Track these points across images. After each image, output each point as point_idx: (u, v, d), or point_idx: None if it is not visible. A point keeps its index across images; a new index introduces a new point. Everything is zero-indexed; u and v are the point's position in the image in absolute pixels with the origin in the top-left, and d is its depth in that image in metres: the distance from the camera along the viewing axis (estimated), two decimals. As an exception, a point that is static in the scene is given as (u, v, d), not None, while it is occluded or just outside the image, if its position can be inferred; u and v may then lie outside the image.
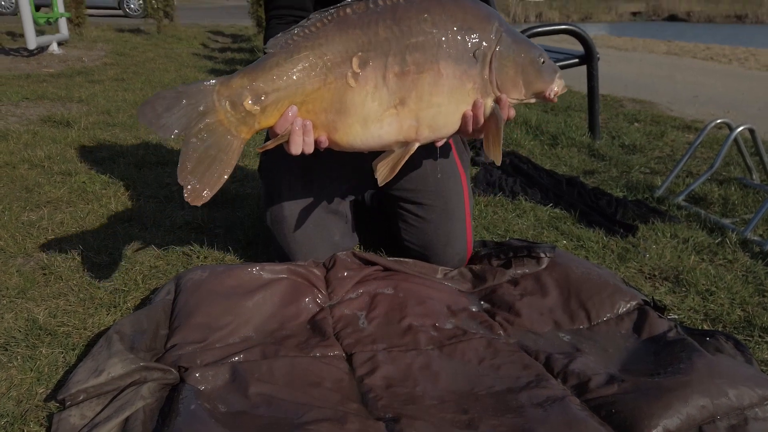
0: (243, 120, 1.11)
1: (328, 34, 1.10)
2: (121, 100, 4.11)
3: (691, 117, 4.12)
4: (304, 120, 1.13)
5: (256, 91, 1.09)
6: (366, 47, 1.11)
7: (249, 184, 2.39)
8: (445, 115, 1.17)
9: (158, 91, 1.09)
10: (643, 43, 12.52)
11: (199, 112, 1.09)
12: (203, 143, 1.10)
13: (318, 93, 1.12)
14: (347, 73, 1.11)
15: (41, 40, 5.94)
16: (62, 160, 2.60)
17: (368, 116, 1.13)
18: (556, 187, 2.41)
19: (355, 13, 1.11)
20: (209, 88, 1.09)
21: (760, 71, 7.53)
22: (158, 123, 1.07)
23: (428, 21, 1.12)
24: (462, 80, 1.15)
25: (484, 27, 1.16)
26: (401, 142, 1.19)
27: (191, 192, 1.10)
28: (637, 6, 38.52)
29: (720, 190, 2.40)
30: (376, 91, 1.12)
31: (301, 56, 1.10)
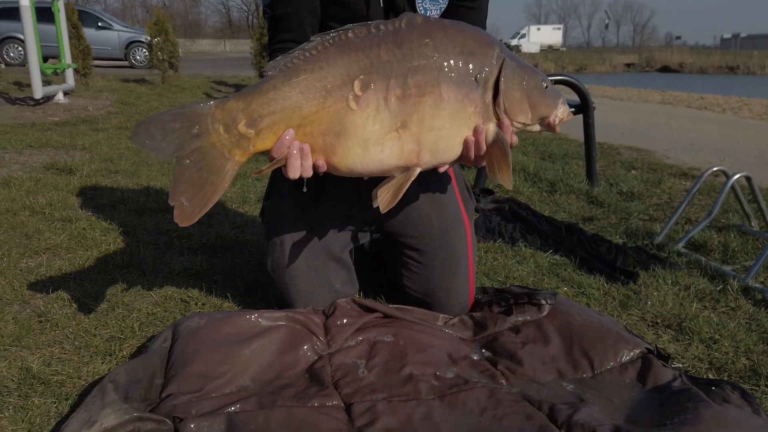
0: (237, 143, 1.10)
1: (329, 57, 1.10)
2: (124, 147, 4.16)
3: (687, 164, 4.17)
4: (301, 143, 1.11)
5: (251, 114, 1.09)
6: (368, 70, 1.10)
7: (249, 230, 2.39)
8: (447, 139, 1.16)
9: (153, 114, 1.09)
10: (638, 93, 12.78)
11: (192, 134, 1.08)
12: (195, 165, 1.09)
13: (316, 116, 1.11)
14: (348, 95, 1.10)
15: (47, 90, 6.06)
16: (63, 207, 2.61)
17: (369, 139, 1.12)
18: (556, 233, 2.41)
19: (357, 36, 1.12)
20: (204, 111, 1.09)
21: (753, 120, 7.66)
22: (151, 145, 1.07)
23: (430, 45, 1.13)
24: (463, 104, 1.15)
25: (485, 52, 1.17)
26: (402, 167, 1.17)
27: (180, 213, 1.10)
28: (631, 58, 39.51)
29: (719, 237, 2.40)
30: (378, 113, 1.11)
31: (300, 79, 1.09)
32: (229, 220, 2.54)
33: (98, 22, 14.30)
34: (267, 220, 1.59)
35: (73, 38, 7.27)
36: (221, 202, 2.81)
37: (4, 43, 12.55)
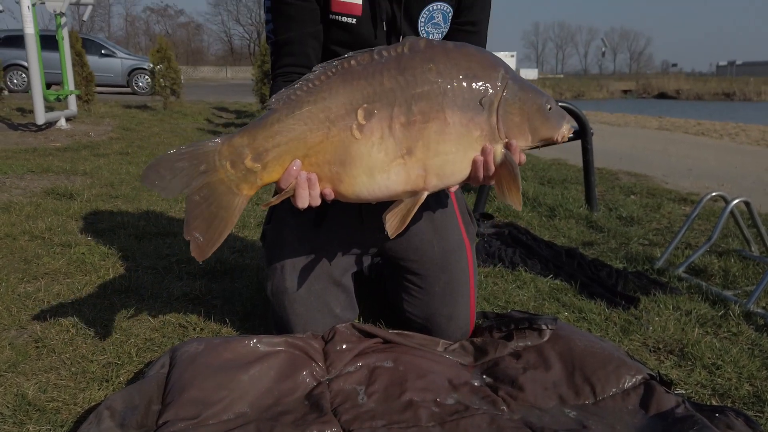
0: (244, 178, 1.11)
1: (332, 87, 1.11)
2: (125, 172, 4.18)
3: (686, 190, 4.18)
4: (308, 173, 1.12)
5: (256, 149, 1.10)
6: (371, 98, 1.11)
7: (248, 255, 2.39)
8: (453, 163, 1.16)
9: (162, 154, 1.11)
10: (635, 119, 12.88)
11: (200, 171, 1.10)
12: (205, 201, 1.11)
13: (321, 146, 1.11)
14: (352, 125, 1.11)
15: (50, 116, 6.11)
16: (63, 232, 2.61)
17: (374, 167, 1.12)
18: (556, 258, 2.41)
19: (360, 64, 1.12)
20: (211, 149, 1.11)
21: (751, 146, 7.71)
22: (161, 185, 1.09)
23: (433, 70, 1.13)
24: (469, 128, 1.15)
25: (489, 74, 1.16)
26: (410, 192, 1.17)
27: (195, 247, 1.12)
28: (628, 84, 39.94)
29: (720, 262, 2.39)
30: (383, 141, 1.12)
31: (303, 111, 1.10)
32: (228, 244, 2.53)
33: (102, 49, 14.49)
34: (268, 244, 1.58)
35: (77, 65, 7.36)
36: (221, 227, 2.81)
37: (9, 70, 12.69)
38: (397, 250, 1.57)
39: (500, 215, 3.21)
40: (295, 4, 1.38)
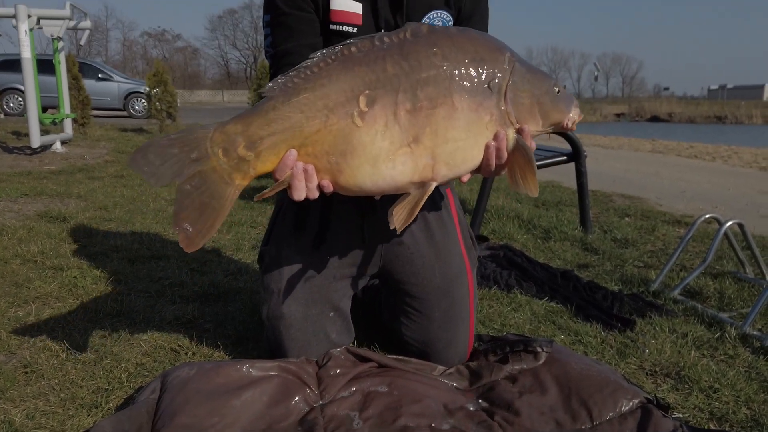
0: (236, 166, 1.07)
1: (331, 73, 1.07)
2: (119, 196, 4.17)
3: (680, 212, 4.20)
4: (305, 164, 1.08)
5: (250, 137, 1.06)
6: (373, 84, 1.06)
7: (242, 278, 2.37)
8: (464, 150, 1.11)
9: (151, 139, 1.07)
10: (629, 141, 12.99)
11: (191, 158, 1.06)
12: (196, 190, 1.07)
13: (318, 135, 1.07)
14: (353, 112, 1.06)
15: (45, 139, 6.12)
16: (55, 255, 2.59)
17: (378, 156, 1.07)
18: (551, 280, 2.40)
19: (360, 50, 1.08)
20: (203, 135, 1.07)
21: (743, 168, 7.77)
22: (150, 171, 1.05)
23: (438, 54, 1.09)
24: (478, 113, 1.10)
25: (496, 57, 1.13)
26: (417, 183, 1.11)
27: (184, 238, 1.07)
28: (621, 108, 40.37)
29: (715, 284, 2.39)
30: (387, 129, 1.07)
31: (300, 98, 1.06)
32: (222, 267, 2.52)
33: (99, 73, 14.58)
34: (265, 267, 1.55)
35: (73, 89, 7.39)
36: (215, 249, 2.80)
37: (5, 93, 12.74)
38: (397, 272, 1.55)
39: (495, 237, 3.21)
40: (294, 14, 1.37)
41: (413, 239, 1.52)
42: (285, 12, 1.37)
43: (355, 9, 1.38)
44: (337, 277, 1.51)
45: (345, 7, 1.37)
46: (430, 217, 1.55)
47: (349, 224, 1.49)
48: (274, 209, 1.63)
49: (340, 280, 1.52)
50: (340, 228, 1.49)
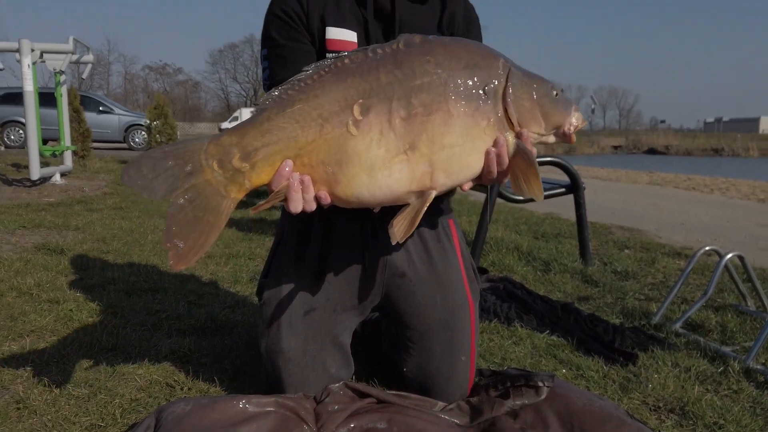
0: (232, 178, 1.05)
1: (325, 84, 1.07)
2: (117, 228, 4.16)
3: (680, 244, 4.19)
4: (302, 175, 1.06)
5: (245, 148, 1.04)
6: (367, 93, 1.06)
7: (240, 310, 2.35)
8: (461, 157, 1.10)
9: (145, 152, 1.06)
10: (626, 173, 13.07)
11: (185, 172, 1.04)
12: (190, 204, 1.04)
13: (314, 145, 1.05)
14: (347, 121, 1.05)
15: (45, 171, 6.14)
16: (51, 288, 2.57)
17: (374, 164, 1.06)
18: (552, 313, 2.38)
19: (354, 62, 1.08)
20: (197, 147, 1.05)
21: (741, 200, 7.79)
22: (143, 185, 1.03)
23: (431, 62, 1.09)
24: (475, 118, 1.09)
25: (490, 63, 1.13)
26: (415, 192, 1.10)
27: (175, 254, 1.03)
28: (618, 140, 40.78)
29: (717, 317, 2.37)
30: (382, 137, 1.06)
31: (295, 109, 1.05)
32: (219, 300, 2.50)
33: (100, 106, 14.73)
34: (264, 299, 1.53)
35: (74, 122, 7.46)
36: (212, 281, 2.78)
37: (6, 126, 12.84)
38: (398, 304, 1.53)
39: (495, 269, 3.19)
40: (290, 45, 1.38)
41: (415, 270, 1.51)
42: (281, 44, 1.39)
43: (349, 37, 1.40)
44: (337, 310, 1.49)
45: (340, 36, 1.39)
46: (433, 248, 1.54)
47: (351, 255, 1.48)
48: (274, 241, 1.62)
49: (341, 312, 1.50)
50: (341, 259, 1.48)
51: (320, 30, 1.40)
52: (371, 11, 1.41)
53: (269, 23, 1.42)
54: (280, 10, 1.40)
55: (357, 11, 1.42)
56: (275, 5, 1.42)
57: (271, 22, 1.41)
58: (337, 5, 1.41)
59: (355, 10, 1.42)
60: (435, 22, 1.47)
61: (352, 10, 1.42)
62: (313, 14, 1.40)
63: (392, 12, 1.41)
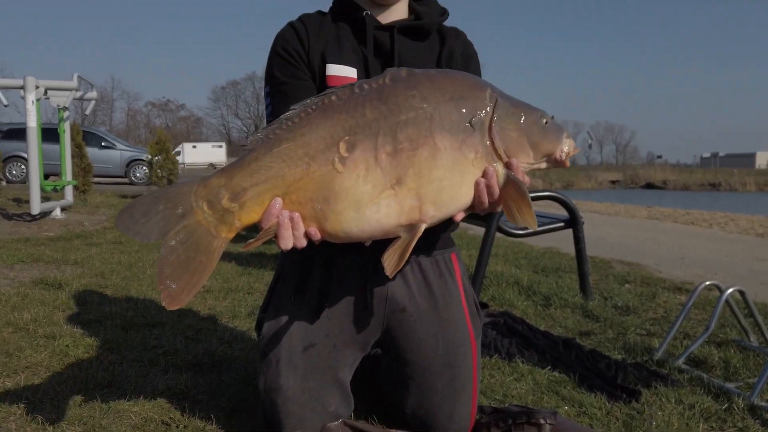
0: (221, 218, 1.07)
1: (311, 122, 1.08)
2: (116, 262, 4.15)
3: (680, 278, 4.18)
4: (291, 212, 1.07)
5: (233, 188, 1.06)
6: (353, 130, 1.07)
7: (238, 346, 2.33)
8: (450, 189, 1.10)
9: (137, 197, 1.08)
10: (625, 208, 13.11)
11: (177, 214, 1.06)
12: (182, 245, 1.06)
13: (301, 182, 1.07)
14: (333, 158, 1.06)
15: (45, 206, 6.16)
16: (48, 323, 2.54)
17: (362, 200, 1.07)
18: (553, 348, 2.35)
19: (340, 99, 1.10)
20: (187, 190, 1.07)
21: (740, 235, 7.80)
22: (136, 229, 1.05)
23: (417, 97, 1.09)
24: (462, 151, 1.10)
25: (476, 95, 1.13)
26: (405, 225, 1.10)
27: (167, 296, 1.05)
28: (615, 175, 41.02)
29: (719, 353, 2.35)
30: (368, 173, 1.07)
31: (282, 148, 1.07)
32: (217, 335, 2.47)
33: (102, 141, 14.89)
34: (263, 335, 1.51)
35: (76, 157, 7.52)
36: (210, 316, 2.76)
37: (9, 161, 12.93)
38: (399, 340, 1.51)
39: (495, 304, 3.17)
40: (291, 83, 1.41)
41: (416, 306, 1.50)
42: (283, 81, 1.42)
43: (349, 73, 1.42)
44: (337, 346, 1.47)
45: (340, 72, 1.42)
46: (434, 283, 1.53)
47: (351, 289, 1.47)
48: (274, 275, 1.62)
49: (341, 348, 1.48)
50: (341, 293, 1.47)
51: (321, 67, 1.43)
52: (371, 49, 1.44)
53: (272, 61, 1.46)
54: (282, 49, 1.44)
55: (357, 49, 1.45)
56: (278, 44, 1.45)
57: (274, 61, 1.45)
58: (338, 43, 1.44)
59: (356, 48, 1.45)
60: (434, 59, 1.50)
61: (353, 48, 1.45)
62: (314, 52, 1.43)
63: (392, 50, 1.44)
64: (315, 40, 1.44)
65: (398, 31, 1.45)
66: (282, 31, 1.48)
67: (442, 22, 1.53)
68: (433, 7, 1.53)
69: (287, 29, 1.47)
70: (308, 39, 1.44)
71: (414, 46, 1.48)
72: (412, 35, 1.49)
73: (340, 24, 1.47)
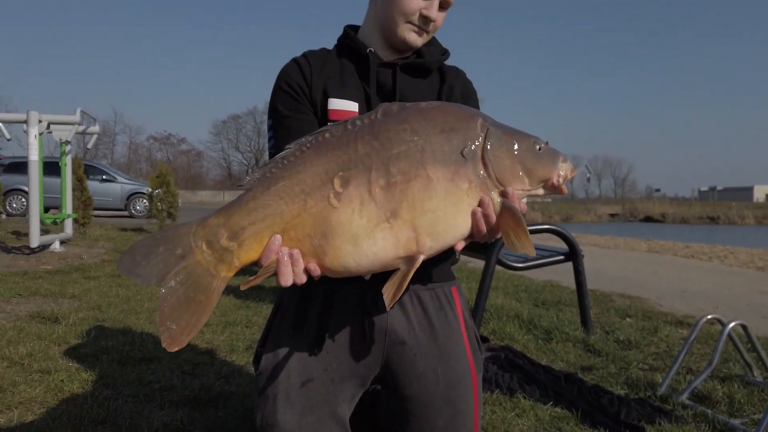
0: (221, 258, 1.08)
1: (306, 160, 1.10)
2: (114, 295, 4.12)
3: (681, 312, 4.15)
4: (290, 249, 1.08)
5: (232, 227, 1.07)
6: (346, 166, 1.09)
7: (235, 381, 2.29)
8: (445, 220, 1.10)
9: (137, 241, 1.09)
10: (624, 241, 13.10)
11: (176, 255, 1.07)
12: (182, 286, 1.07)
13: (299, 219, 1.08)
14: (329, 194, 1.08)
15: (44, 239, 6.14)
16: (44, 358, 2.52)
17: (358, 234, 1.08)
18: (555, 383, 2.32)
19: (334, 135, 1.12)
20: (185, 231, 1.08)
21: (741, 268, 7.78)
22: (137, 272, 1.06)
23: (408, 130, 1.11)
24: (455, 182, 1.10)
25: (467, 125, 1.14)
26: (402, 257, 1.10)
27: (168, 337, 1.05)
28: (614, 208, 41.13)
29: (723, 388, 2.31)
30: (363, 207, 1.08)
31: (279, 186, 1.09)
32: (215, 369, 2.44)
33: (103, 175, 14.95)
34: (260, 369, 1.49)
35: (77, 190, 7.54)
36: (208, 351, 2.72)
37: (9, 194, 12.97)
38: (399, 375, 1.49)
39: (495, 338, 3.14)
40: (294, 116, 1.44)
41: (416, 339, 1.48)
42: (285, 115, 1.45)
43: (351, 108, 1.45)
44: (336, 380, 1.45)
45: (342, 106, 1.45)
46: (434, 316, 1.51)
47: (350, 322, 1.46)
48: (272, 309, 1.60)
49: (340, 383, 1.46)
50: (340, 326, 1.46)
51: (323, 101, 1.45)
52: (374, 86, 1.47)
53: (275, 96, 1.48)
54: (286, 84, 1.47)
55: (359, 85, 1.47)
56: (281, 79, 1.48)
57: (277, 95, 1.48)
58: (341, 79, 1.47)
59: (358, 84, 1.48)
60: (434, 96, 1.52)
61: (355, 84, 1.47)
62: (317, 87, 1.46)
63: (393, 86, 1.47)
64: (318, 75, 1.47)
65: (401, 68, 1.48)
66: (286, 67, 1.51)
67: (443, 61, 1.57)
68: (435, 46, 1.57)
69: (291, 65, 1.50)
70: (311, 74, 1.47)
71: (415, 83, 1.51)
72: (414, 73, 1.52)
73: (344, 60, 1.50)
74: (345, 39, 1.54)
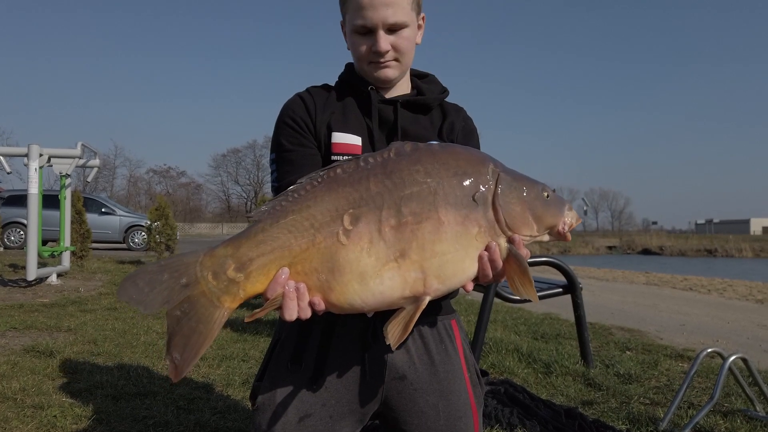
0: (226, 289, 1.06)
1: (317, 195, 1.10)
2: (110, 329, 4.08)
3: (681, 345, 4.12)
4: (297, 283, 1.07)
5: (240, 259, 1.06)
6: (357, 203, 1.09)
7: (231, 416, 2.26)
8: (453, 263, 1.10)
9: (141, 266, 1.07)
10: (623, 273, 13.08)
11: (181, 284, 1.06)
12: (185, 316, 1.05)
13: (306, 254, 1.08)
14: (338, 231, 1.08)
15: (41, 272, 6.11)
16: (37, 392, 2.48)
17: (365, 272, 1.07)
18: (556, 419, 2.29)
19: (345, 172, 1.12)
20: (192, 260, 1.07)
21: (740, 301, 7.75)
22: (138, 299, 1.04)
23: (421, 171, 1.11)
24: (465, 225, 1.11)
25: (479, 170, 1.15)
26: (409, 297, 1.10)
27: (174, 369, 1.04)
28: (612, 241, 41.15)
29: (726, 423, 2.28)
30: (372, 246, 1.07)
31: (288, 220, 1.08)
32: (210, 405, 2.41)
33: (102, 207, 14.96)
34: (257, 405, 1.47)
35: (75, 223, 7.54)
36: (204, 385, 2.69)
37: (8, 227, 12.95)
38: (399, 411, 1.47)
39: (495, 371, 3.11)
40: (297, 150, 1.45)
41: (416, 374, 1.47)
42: (288, 149, 1.46)
43: (354, 141, 1.46)
44: (334, 417, 1.43)
45: (345, 140, 1.47)
46: (434, 350, 1.50)
47: (350, 357, 1.44)
48: (270, 342, 1.59)
49: (338, 420, 1.44)
50: (339, 361, 1.44)
51: (326, 136, 1.47)
52: (376, 121, 1.49)
53: (279, 130, 1.50)
54: (289, 118, 1.49)
55: (362, 120, 1.50)
56: (285, 113, 1.50)
57: (281, 129, 1.49)
58: (344, 114, 1.50)
59: (360, 119, 1.50)
60: (435, 131, 1.55)
61: (357, 119, 1.50)
62: (321, 122, 1.48)
63: (395, 122, 1.49)
64: (321, 110, 1.49)
65: (401, 105, 1.51)
66: (290, 101, 1.53)
67: (443, 99, 1.59)
68: (434, 84, 1.60)
69: (295, 99, 1.52)
70: (315, 109, 1.49)
71: (416, 118, 1.53)
72: (414, 109, 1.54)
73: (346, 97, 1.53)
74: (347, 76, 1.57)
